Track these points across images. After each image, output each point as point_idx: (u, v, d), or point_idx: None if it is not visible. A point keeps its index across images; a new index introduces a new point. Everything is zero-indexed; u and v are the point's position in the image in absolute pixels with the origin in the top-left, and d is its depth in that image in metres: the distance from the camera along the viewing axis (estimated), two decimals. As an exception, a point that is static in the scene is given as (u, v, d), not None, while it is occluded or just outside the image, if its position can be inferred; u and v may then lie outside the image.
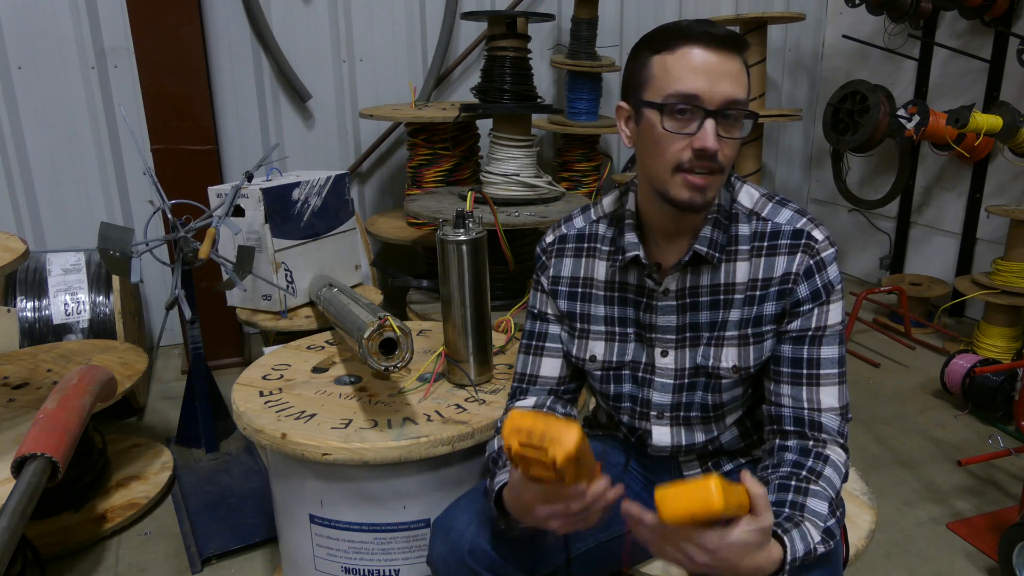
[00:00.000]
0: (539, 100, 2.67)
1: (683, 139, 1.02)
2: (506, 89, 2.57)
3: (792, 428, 1.11)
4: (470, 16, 2.67)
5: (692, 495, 0.85)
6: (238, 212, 2.31)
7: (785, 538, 0.95)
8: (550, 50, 3.68)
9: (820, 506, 1.01)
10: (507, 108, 2.56)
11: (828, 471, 1.05)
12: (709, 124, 1.00)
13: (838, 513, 1.02)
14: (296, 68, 3.30)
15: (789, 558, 0.94)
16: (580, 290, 1.24)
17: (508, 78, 2.57)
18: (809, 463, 1.06)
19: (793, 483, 1.04)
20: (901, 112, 3.16)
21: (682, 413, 1.20)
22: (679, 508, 0.85)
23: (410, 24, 3.49)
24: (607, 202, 1.25)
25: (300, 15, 3.30)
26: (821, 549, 0.98)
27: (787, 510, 1.00)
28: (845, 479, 1.08)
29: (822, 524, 0.99)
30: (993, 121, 2.88)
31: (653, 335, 1.18)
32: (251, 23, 3.22)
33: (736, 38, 1.01)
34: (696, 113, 1.00)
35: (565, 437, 0.87)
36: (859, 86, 3.27)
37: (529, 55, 2.65)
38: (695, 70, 1.00)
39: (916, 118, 3.10)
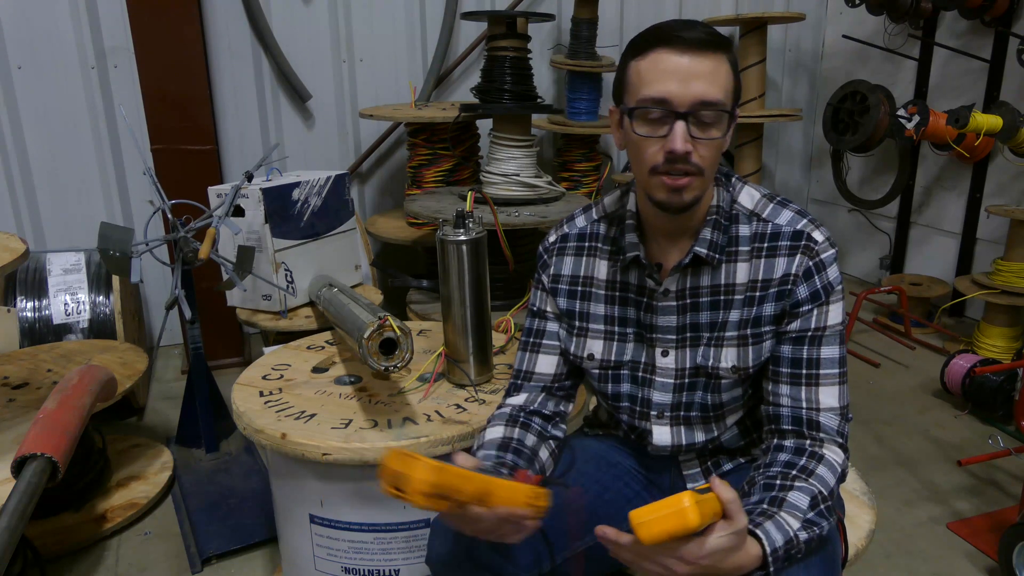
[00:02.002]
0: (539, 100, 2.67)
1: (656, 142, 1.03)
2: (506, 89, 2.57)
3: (790, 428, 1.11)
4: (470, 16, 2.67)
5: (667, 515, 0.85)
6: (238, 212, 2.31)
7: (759, 532, 0.95)
8: (550, 50, 3.69)
9: (801, 500, 1.01)
10: (507, 108, 2.56)
11: (821, 470, 1.05)
12: (678, 126, 1.00)
13: (823, 507, 1.01)
14: (296, 68, 3.30)
15: (769, 549, 0.94)
16: (580, 288, 1.24)
17: (508, 78, 2.57)
18: (802, 462, 1.06)
19: (779, 481, 1.04)
20: (901, 112, 3.16)
21: (682, 413, 1.20)
22: (655, 530, 0.86)
23: (410, 24, 3.49)
24: (608, 201, 1.25)
25: (300, 15, 3.30)
26: (804, 536, 0.98)
27: (764, 506, 1.01)
28: (842, 479, 1.08)
29: (801, 515, 0.99)
30: (993, 121, 2.88)
31: (654, 335, 1.18)
32: (251, 23, 3.22)
33: (710, 39, 1.01)
34: (667, 116, 1.01)
35: (415, 477, 0.87)
36: (859, 86, 3.27)
37: (529, 55, 2.65)
38: (664, 73, 1.00)
39: (916, 118, 3.10)
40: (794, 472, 1.05)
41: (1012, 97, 3.21)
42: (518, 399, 1.28)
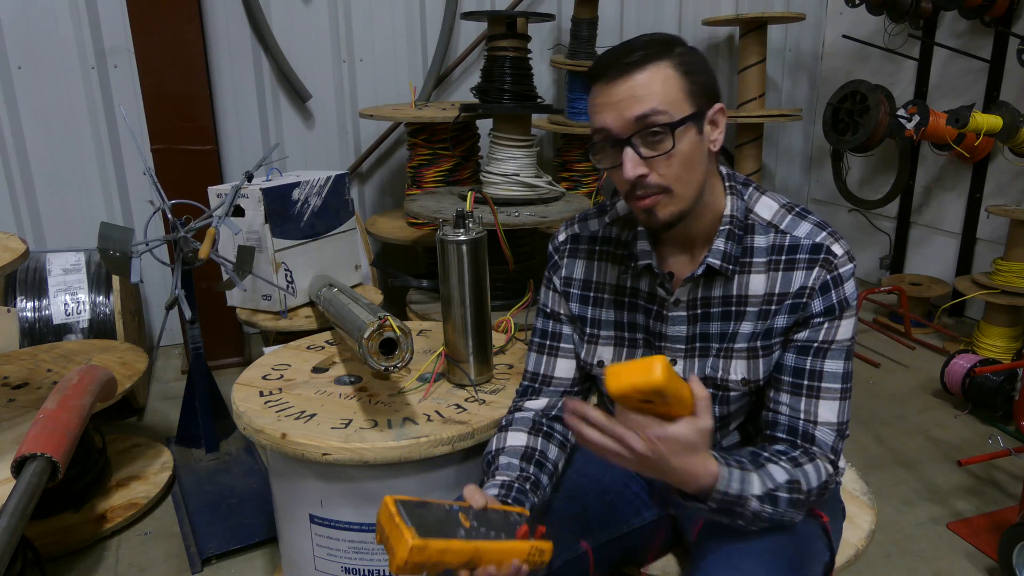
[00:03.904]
0: (539, 100, 2.67)
1: (617, 171, 1.04)
2: (506, 89, 2.57)
3: (784, 436, 1.10)
4: (470, 16, 2.67)
5: (637, 370, 0.88)
6: (238, 212, 2.31)
7: (723, 468, 0.96)
8: (550, 50, 3.68)
9: (779, 473, 1.01)
10: (507, 108, 2.56)
11: (808, 467, 1.05)
12: (626, 153, 1.01)
13: (796, 496, 1.01)
14: (296, 68, 3.30)
15: (721, 485, 0.95)
16: (592, 294, 1.23)
17: (508, 78, 2.57)
18: (793, 454, 1.07)
19: (765, 454, 1.05)
20: (901, 112, 3.16)
21: None
22: (623, 380, 0.89)
23: (410, 24, 3.49)
24: (621, 205, 1.23)
25: (300, 15, 3.30)
26: (755, 506, 0.98)
27: (743, 460, 1.01)
28: (824, 488, 1.06)
29: (770, 484, 1.00)
30: (993, 121, 2.87)
31: (662, 344, 1.17)
32: (251, 23, 3.22)
33: (641, 54, 1.00)
34: (615, 145, 1.02)
35: (398, 554, 0.89)
36: (859, 86, 3.27)
37: (529, 55, 2.65)
38: (601, 106, 1.02)
39: (916, 118, 3.10)
40: (784, 458, 1.05)
41: (1012, 97, 3.21)
42: (538, 403, 1.26)
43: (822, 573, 1.10)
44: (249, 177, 2.32)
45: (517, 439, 1.20)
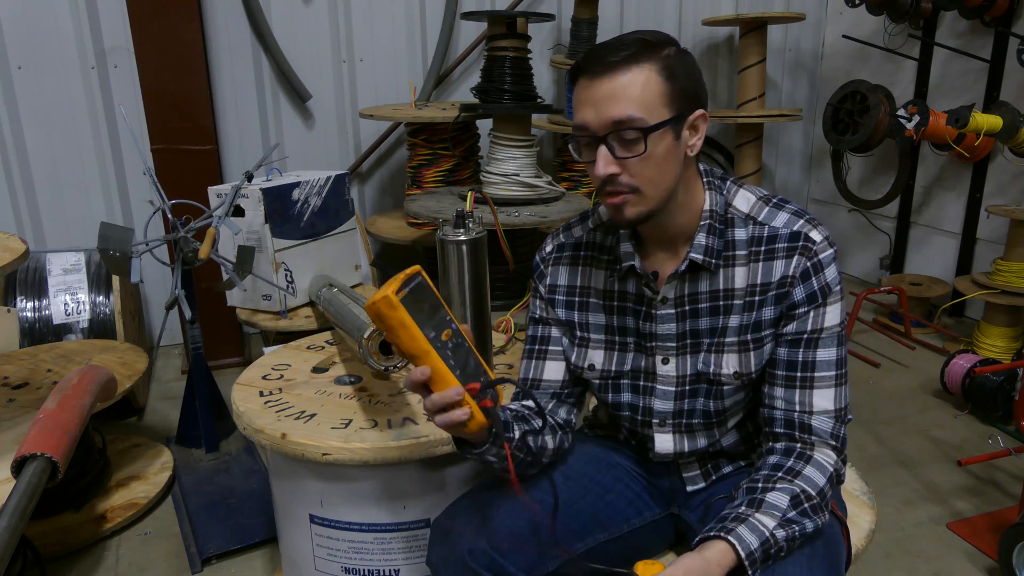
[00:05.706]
0: (539, 100, 2.67)
1: (592, 167, 1.05)
2: (506, 89, 2.57)
3: (782, 431, 1.11)
4: (470, 16, 2.68)
5: None
6: (238, 212, 2.31)
7: (731, 538, 0.96)
8: (550, 50, 3.69)
9: (780, 499, 1.01)
10: (507, 108, 2.56)
11: (808, 470, 1.05)
12: (600, 151, 1.02)
13: (807, 506, 1.01)
14: (296, 68, 3.31)
15: (744, 553, 0.95)
16: (577, 299, 1.23)
17: (508, 78, 2.57)
18: (788, 463, 1.07)
19: (761, 484, 1.04)
20: (901, 112, 3.16)
21: (684, 420, 1.19)
22: None
23: (410, 24, 3.49)
24: (604, 210, 1.24)
25: (300, 15, 3.30)
26: (782, 534, 0.98)
27: (741, 509, 1.01)
28: (835, 479, 1.07)
29: (779, 515, 1.00)
30: (993, 121, 2.87)
31: (654, 343, 1.17)
32: (251, 23, 3.22)
33: (627, 54, 1.00)
34: (592, 141, 1.03)
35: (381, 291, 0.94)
36: (859, 86, 3.27)
37: (529, 55, 2.65)
38: (582, 102, 1.03)
39: (916, 118, 3.10)
40: (779, 475, 1.05)
41: (1012, 97, 3.21)
42: (528, 403, 1.26)
43: (845, 570, 1.12)
44: (249, 177, 2.32)
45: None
